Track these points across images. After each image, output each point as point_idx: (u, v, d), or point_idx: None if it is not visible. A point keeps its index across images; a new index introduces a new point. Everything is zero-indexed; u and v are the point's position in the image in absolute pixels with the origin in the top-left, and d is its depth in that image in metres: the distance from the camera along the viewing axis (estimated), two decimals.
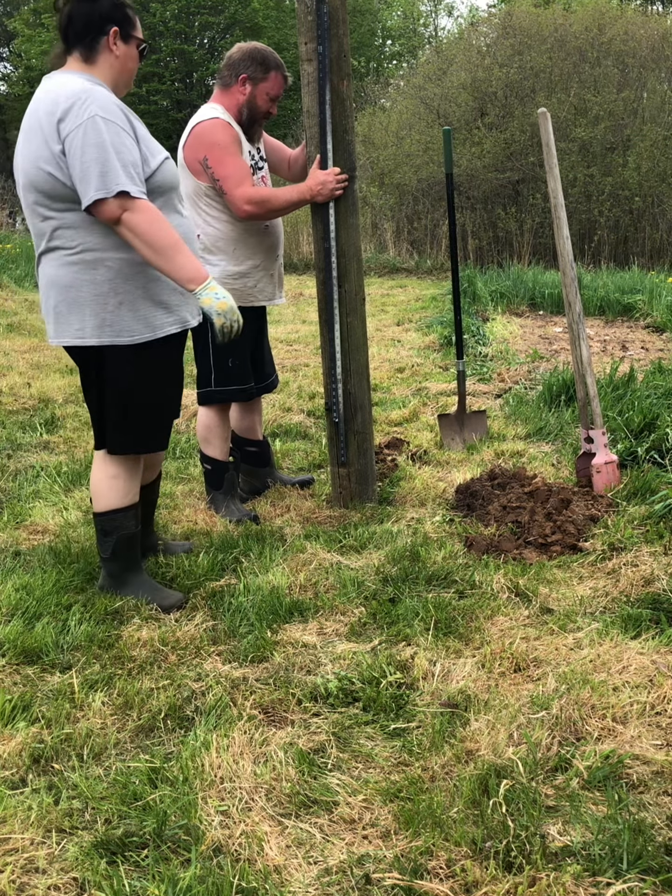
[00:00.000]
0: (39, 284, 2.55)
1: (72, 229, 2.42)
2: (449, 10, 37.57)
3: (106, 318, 2.46)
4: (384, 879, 1.52)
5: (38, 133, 2.37)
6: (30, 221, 2.50)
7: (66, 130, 2.31)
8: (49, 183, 2.37)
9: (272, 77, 3.19)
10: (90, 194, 2.31)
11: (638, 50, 13.83)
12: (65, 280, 2.45)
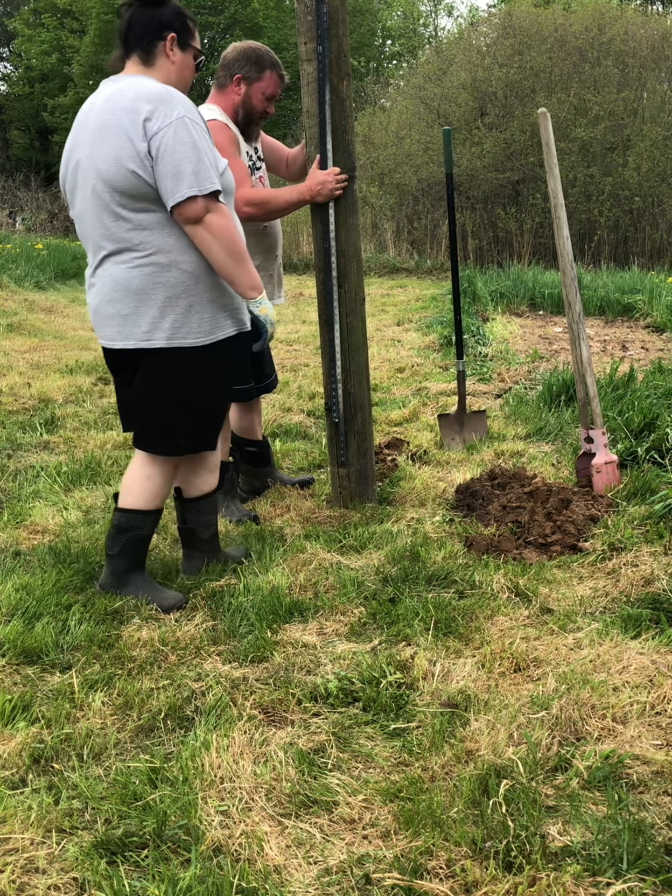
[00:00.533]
0: (97, 287, 2.53)
1: (146, 231, 2.42)
2: (449, 10, 37.56)
3: (176, 320, 2.47)
4: (384, 879, 1.52)
5: (118, 131, 2.37)
6: (95, 223, 2.48)
7: (154, 129, 2.33)
8: (130, 181, 2.37)
9: (267, 76, 3.19)
10: (182, 191, 2.33)
11: (638, 50, 13.83)
12: (135, 282, 2.45)
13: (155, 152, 2.34)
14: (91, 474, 3.88)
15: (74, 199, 2.55)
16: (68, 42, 31.50)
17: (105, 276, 2.50)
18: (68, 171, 2.56)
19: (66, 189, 2.61)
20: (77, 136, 2.52)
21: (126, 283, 2.46)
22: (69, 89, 30.83)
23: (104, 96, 2.45)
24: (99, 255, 2.51)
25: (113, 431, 4.62)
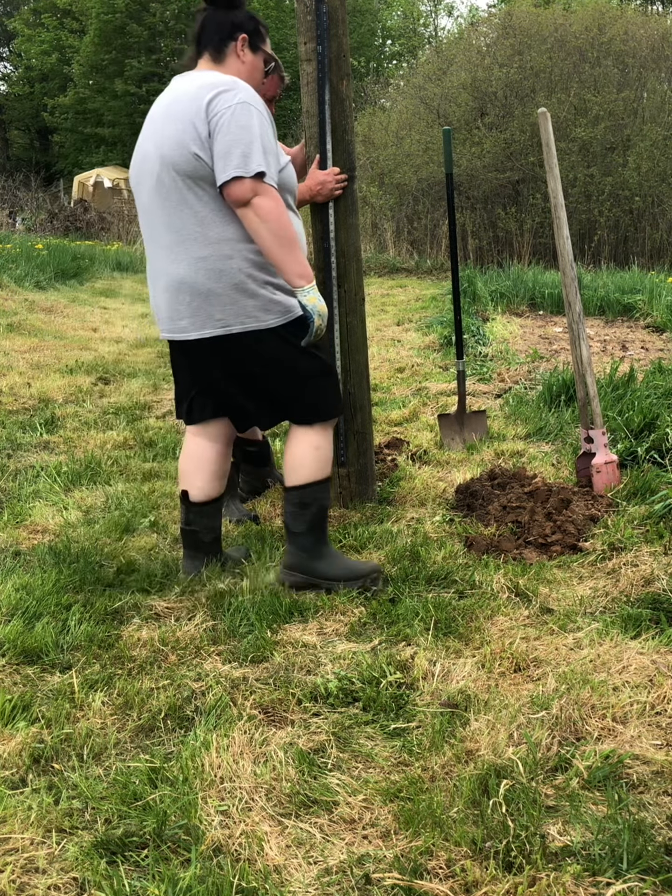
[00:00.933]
0: (169, 279, 2.53)
1: (208, 220, 2.45)
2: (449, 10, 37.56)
3: (247, 304, 2.49)
4: (384, 879, 1.52)
5: (182, 116, 2.41)
6: (161, 213, 2.50)
7: (215, 111, 2.37)
8: (191, 164, 2.40)
9: (268, 78, 3.18)
10: (229, 171, 2.35)
11: (638, 50, 13.83)
12: (203, 272, 2.47)
13: (211, 134, 2.37)
14: (91, 474, 3.88)
15: (140, 191, 2.58)
16: (68, 42, 31.51)
17: (170, 266, 2.52)
18: (136, 164, 2.60)
19: (133, 181, 2.63)
20: (145, 130, 2.58)
21: (193, 272, 2.48)
22: (69, 89, 30.85)
23: (176, 88, 2.52)
24: (163, 246, 2.52)
25: (113, 431, 4.62)
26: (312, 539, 2.69)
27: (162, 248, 2.54)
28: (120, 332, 8.25)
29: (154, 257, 2.60)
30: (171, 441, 4.43)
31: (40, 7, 33.71)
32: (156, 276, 2.61)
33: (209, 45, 2.57)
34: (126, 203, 21.31)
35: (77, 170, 29.61)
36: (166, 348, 7.27)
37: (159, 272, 2.58)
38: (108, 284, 12.26)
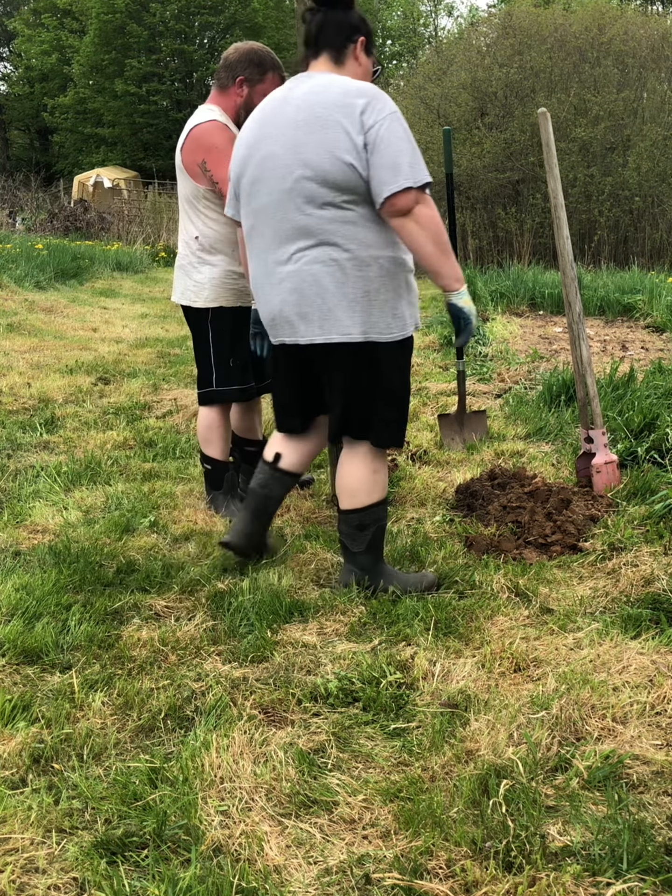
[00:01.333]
0: (291, 283, 2.51)
1: (349, 225, 2.43)
2: (449, 10, 37.56)
3: (373, 314, 2.49)
4: (384, 879, 1.52)
5: (332, 124, 2.38)
6: (290, 215, 2.47)
7: (370, 123, 2.36)
8: (345, 173, 2.38)
9: (269, 78, 3.19)
10: (399, 182, 2.35)
11: (638, 50, 13.84)
12: (336, 278, 2.46)
13: (372, 145, 2.36)
14: (91, 474, 3.88)
15: (258, 191, 2.53)
16: (68, 42, 31.52)
17: (302, 271, 2.49)
18: (249, 164, 2.55)
19: (245, 182, 2.59)
20: (265, 129, 2.51)
21: (325, 278, 2.46)
22: (69, 89, 30.86)
23: (304, 90, 2.46)
24: (291, 249, 2.49)
25: (113, 431, 4.62)
26: (371, 558, 2.68)
27: (290, 251, 2.50)
28: (120, 332, 8.25)
29: (274, 260, 2.54)
30: (171, 441, 4.43)
31: (40, 7, 33.71)
32: (276, 280, 2.55)
33: (329, 46, 2.54)
34: (126, 203, 21.31)
35: (77, 170, 29.62)
36: (166, 348, 7.31)
37: (282, 275, 2.53)
38: (108, 284, 12.26)
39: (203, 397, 3.40)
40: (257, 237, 2.58)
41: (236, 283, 3.27)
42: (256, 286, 2.66)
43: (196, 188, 3.19)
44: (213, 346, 3.32)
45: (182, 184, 3.26)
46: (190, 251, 3.29)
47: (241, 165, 2.59)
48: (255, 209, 2.56)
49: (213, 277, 3.25)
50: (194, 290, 3.29)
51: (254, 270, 2.65)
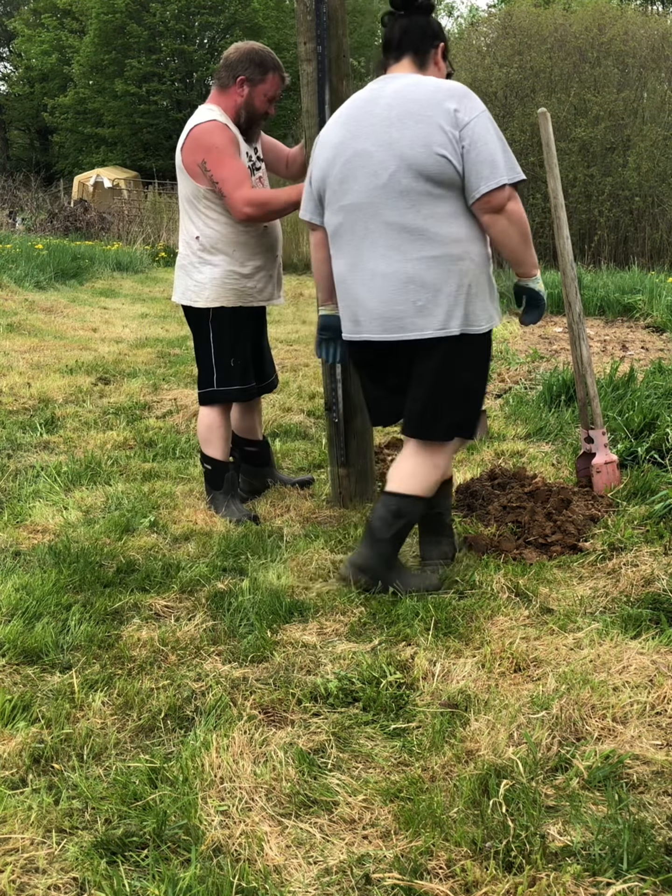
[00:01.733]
0: (388, 278, 2.52)
1: (443, 221, 2.48)
2: (449, 10, 37.52)
3: (467, 308, 2.54)
4: (384, 879, 1.52)
5: (426, 119, 2.43)
6: (383, 211, 2.50)
7: (465, 120, 2.42)
8: (440, 166, 2.42)
9: (270, 78, 3.19)
10: (496, 178, 2.42)
11: (638, 50, 13.84)
12: (434, 271, 2.49)
13: (468, 142, 2.41)
14: (91, 474, 3.88)
15: (348, 189, 2.56)
16: (68, 42, 31.52)
17: (395, 266, 2.52)
18: (336, 163, 2.57)
19: (332, 181, 2.60)
20: (352, 129, 2.55)
21: (421, 273, 2.50)
22: (69, 89, 30.86)
23: (394, 89, 2.51)
24: (385, 245, 2.52)
25: (113, 431, 4.62)
26: (392, 549, 2.69)
27: (382, 247, 2.53)
28: (120, 332, 8.25)
29: (366, 256, 2.56)
30: (171, 441, 4.43)
31: (40, 7, 33.71)
32: (368, 276, 2.57)
33: (412, 50, 2.59)
34: (126, 203, 21.31)
35: (77, 170, 29.61)
36: (166, 348, 7.31)
37: (374, 272, 2.55)
38: (108, 284, 12.26)
39: (204, 397, 3.40)
40: (347, 235, 2.60)
41: (237, 283, 3.27)
42: (344, 284, 2.66)
43: (196, 188, 3.19)
44: (213, 347, 3.31)
45: (182, 184, 3.26)
46: (191, 251, 3.29)
47: (327, 166, 2.61)
48: (344, 207, 2.59)
49: (213, 277, 3.25)
50: (195, 290, 3.29)
51: (341, 268, 2.66)
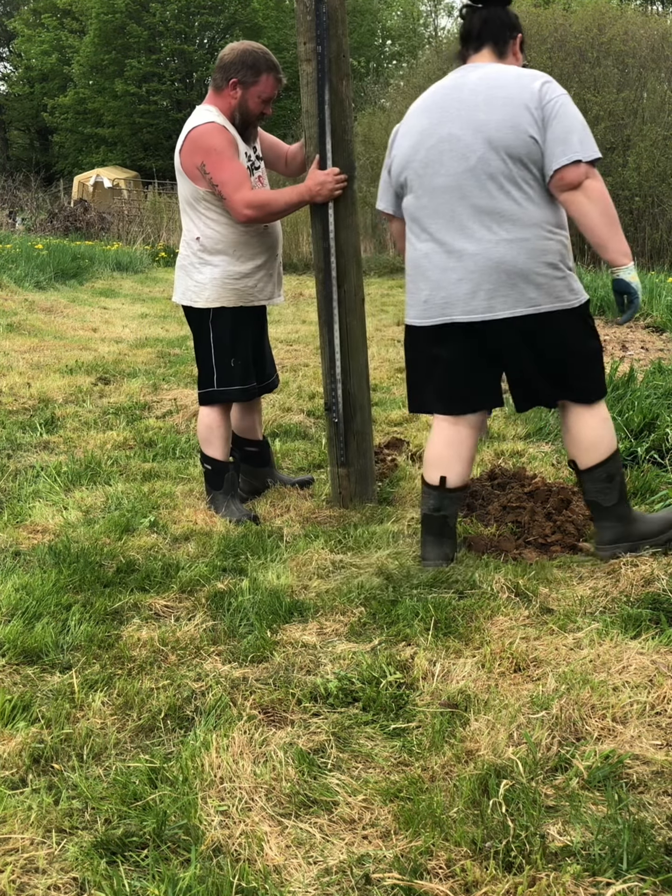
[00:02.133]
0: (478, 259, 2.58)
1: (531, 203, 2.54)
2: (449, 10, 37.53)
3: (557, 285, 2.60)
4: (384, 879, 1.52)
5: (512, 101, 2.50)
6: (471, 194, 2.56)
7: (548, 98, 2.49)
8: (528, 146, 2.50)
9: (263, 80, 3.17)
10: (569, 154, 2.47)
11: (638, 50, 13.84)
12: (524, 252, 2.55)
13: (546, 120, 2.48)
14: (91, 474, 3.88)
15: (433, 173, 2.62)
16: (68, 42, 31.53)
17: (484, 248, 2.57)
18: (420, 149, 2.64)
19: (416, 166, 2.66)
20: (437, 115, 2.62)
21: (510, 254, 2.55)
22: (69, 89, 30.86)
23: (478, 76, 2.59)
24: (473, 227, 2.58)
25: (113, 431, 4.62)
26: (625, 506, 2.78)
27: (470, 229, 2.59)
28: (120, 332, 8.25)
29: (452, 239, 2.62)
30: (171, 441, 4.43)
31: (40, 7, 33.71)
32: (455, 259, 2.62)
33: (492, 40, 2.66)
34: (126, 203, 21.31)
35: (77, 170, 29.62)
36: (166, 348, 7.31)
37: (462, 253, 2.61)
38: (108, 284, 12.26)
39: (204, 397, 3.40)
40: (432, 218, 2.66)
41: (237, 283, 3.27)
42: (427, 267, 2.70)
43: (196, 190, 3.19)
44: (214, 347, 3.31)
45: (182, 186, 3.26)
46: (191, 251, 3.29)
47: (411, 153, 2.67)
48: (429, 190, 2.64)
49: (214, 278, 3.25)
50: (195, 291, 3.29)
51: (422, 252, 2.71)
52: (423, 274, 2.71)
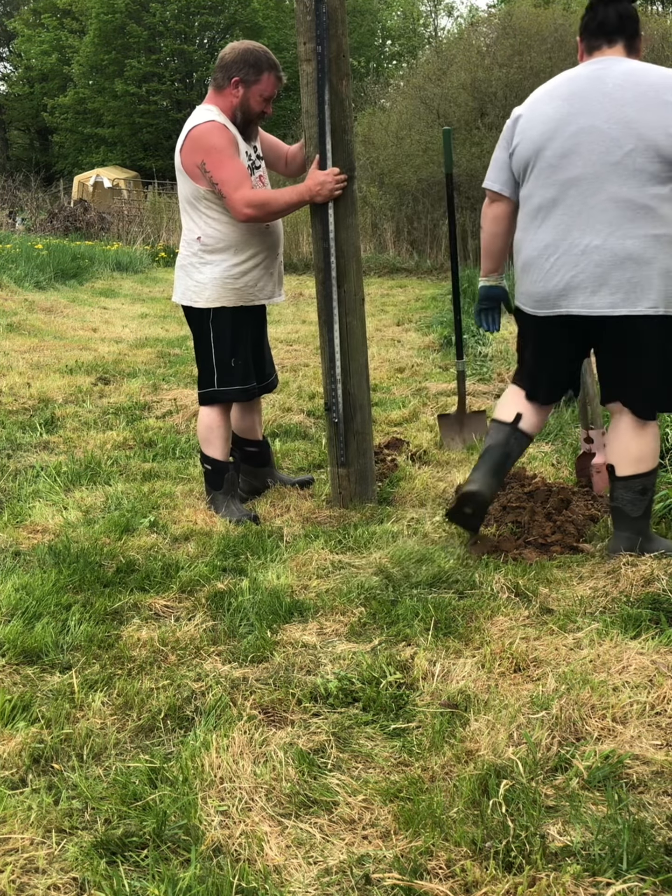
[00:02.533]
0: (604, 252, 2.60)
1: (666, 201, 2.57)
2: (449, 10, 37.56)
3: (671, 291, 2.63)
4: (384, 879, 1.52)
5: (662, 103, 2.53)
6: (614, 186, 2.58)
7: None
8: None
9: (265, 78, 3.18)
10: None
11: None
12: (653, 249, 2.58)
13: None
14: (91, 474, 3.88)
15: (570, 163, 2.64)
16: (68, 42, 31.53)
17: (613, 242, 2.60)
18: (557, 137, 2.66)
19: (549, 154, 2.68)
20: (580, 105, 2.63)
21: (640, 250, 2.58)
22: (69, 89, 30.87)
23: (621, 71, 2.62)
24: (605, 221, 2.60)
25: (113, 431, 4.62)
26: (646, 522, 2.81)
27: (601, 223, 2.61)
28: (120, 332, 8.25)
29: (579, 231, 2.64)
30: (170, 441, 4.43)
31: (40, 7, 33.72)
32: (579, 251, 2.65)
33: (627, 35, 2.69)
34: (126, 203, 21.30)
35: (77, 170, 29.61)
36: (166, 348, 7.31)
37: (587, 246, 2.63)
38: (108, 284, 12.26)
39: (204, 397, 3.40)
40: (559, 209, 2.68)
41: (237, 282, 3.27)
42: (545, 256, 2.72)
43: (196, 189, 3.19)
44: (214, 347, 3.31)
45: (182, 185, 3.26)
46: (191, 251, 3.29)
47: (544, 140, 2.70)
48: (560, 181, 2.67)
49: (214, 277, 3.25)
50: (195, 290, 3.29)
51: (541, 242, 2.73)
52: (538, 266, 2.74)
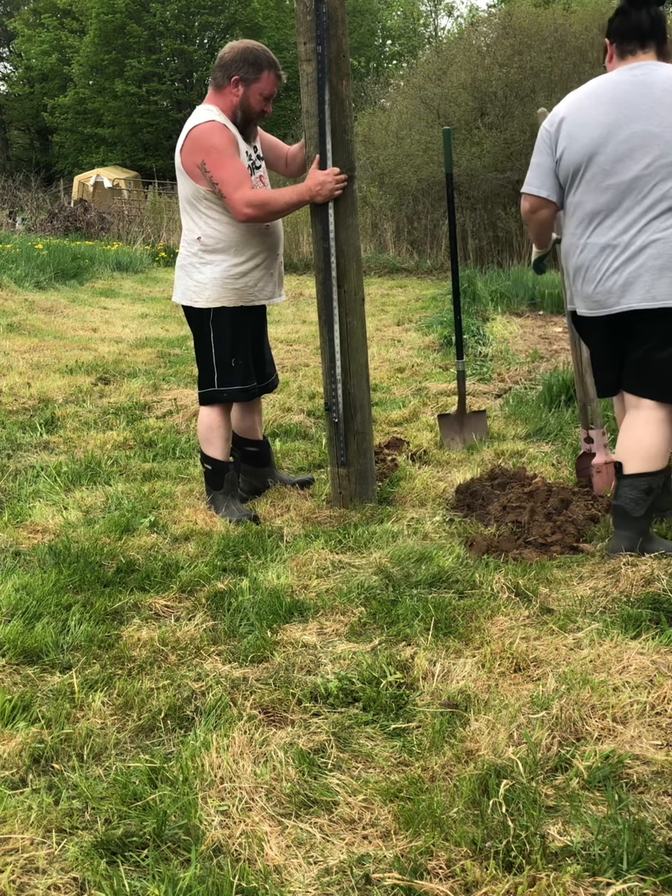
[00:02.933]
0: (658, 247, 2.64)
1: None
2: (449, 10, 37.55)
3: None
4: (384, 879, 1.52)
5: None
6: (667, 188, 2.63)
7: None
8: None
9: (264, 77, 3.18)
10: None
11: None
12: None
13: None
14: (91, 474, 3.88)
15: (623, 168, 2.67)
16: (68, 42, 31.54)
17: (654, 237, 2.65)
18: (611, 141, 2.68)
19: (602, 160, 2.70)
20: (630, 111, 2.68)
21: None
22: (69, 89, 30.86)
23: (666, 76, 2.66)
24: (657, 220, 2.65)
25: (113, 431, 4.62)
26: (648, 522, 2.81)
27: (659, 220, 2.65)
28: (120, 332, 8.25)
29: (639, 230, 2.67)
30: (170, 441, 4.43)
31: (40, 7, 33.73)
32: (638, 247, 2.68)
33: (658, 40, 2.73)
34: (126, 203, 21.30)
35: (77, 170, 29.62)
36: (166, 348, 7.31)
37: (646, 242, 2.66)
38: (108, 284, 12.26)
39: (204, 397, 3.40)
40: (617, 212, 2.71)
41: (238, 282, 3.27)
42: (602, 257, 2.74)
43: (196, 189, 3.19)
44: (214, 347, 3.31)
45: (182, 185, 3.26)
46: (191, 251, 3.29)
47: (595, 145, 2.72)
48: (615, 184, 2.70)
49: (214, 277, 3.25)
50: (195, 290, 3.29)
51: (600, 243, 2.75)
52: (588, 266, 2.77)
